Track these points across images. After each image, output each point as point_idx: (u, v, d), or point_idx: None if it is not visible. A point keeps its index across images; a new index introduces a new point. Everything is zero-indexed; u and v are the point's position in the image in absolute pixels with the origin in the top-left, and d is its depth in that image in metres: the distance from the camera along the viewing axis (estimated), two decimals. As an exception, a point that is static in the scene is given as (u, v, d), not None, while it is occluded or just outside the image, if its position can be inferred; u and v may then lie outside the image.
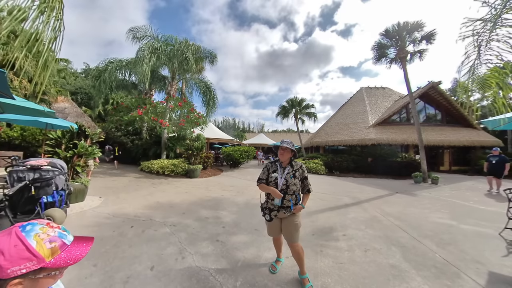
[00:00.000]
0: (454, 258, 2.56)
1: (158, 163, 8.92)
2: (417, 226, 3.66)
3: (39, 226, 0.60)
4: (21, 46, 1.53)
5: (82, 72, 28.84)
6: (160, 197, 5.10)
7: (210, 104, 11.34)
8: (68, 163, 4.27)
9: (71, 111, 13.38)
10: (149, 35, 9.84)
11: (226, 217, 3.80)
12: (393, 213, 4.43)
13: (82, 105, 20.08)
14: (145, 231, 3.05)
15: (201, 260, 2.33)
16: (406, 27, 9.74)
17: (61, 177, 3.19)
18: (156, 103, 10.18)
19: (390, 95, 18.07)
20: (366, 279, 2.10)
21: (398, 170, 10.64)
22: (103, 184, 6.37)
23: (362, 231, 3.34)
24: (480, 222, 3.91)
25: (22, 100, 3.71)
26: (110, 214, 3.74)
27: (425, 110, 15.26)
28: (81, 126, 5.00)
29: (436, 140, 12.89)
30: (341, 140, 14.36)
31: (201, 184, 7.16)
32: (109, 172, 8.99)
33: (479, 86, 3.47)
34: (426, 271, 2.26)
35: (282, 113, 20.30)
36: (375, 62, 11.23)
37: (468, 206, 5.12)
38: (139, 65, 8.28)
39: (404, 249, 2.76)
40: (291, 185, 1.95)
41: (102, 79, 9.55)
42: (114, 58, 10.22)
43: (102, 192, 5.30)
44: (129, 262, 2.23)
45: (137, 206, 4.29)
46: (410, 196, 6.35)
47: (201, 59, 11.15)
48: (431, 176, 8.88)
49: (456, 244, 2.95)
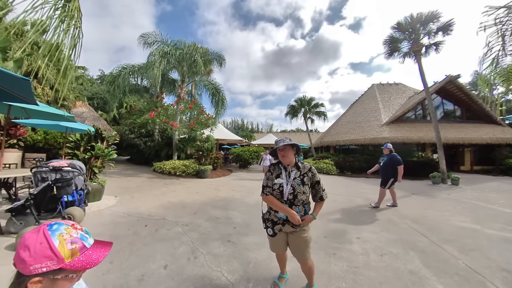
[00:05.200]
0: (479, 265, 2.38)
1: (169, 164, 9.17)
2: (437, 229, 3.46)
3: (64, 226, 0.62)
4: (43, 55, 1.62)
5: (98, 78, 30.33)
6: (172, 197, 5.22)
7: (219, 105, 11.49)
8: (86, 164, 4.49)
9: (88, 115, 14.10)
10: (159, 40, 10.18)
11: (237, 218, 3.81)
12: (410, 215, 4.23)
13: (98, 109, 21.13)
14: (158, 230, 3.13)
15: (213, 260, 2.34)
16: (420, 18, 9.19)
17: (80, 177, 3.37)
18: (167, 105, 10.49)
19: (404, 91, 17.29)
20: (383, 284, 2.01)
21: (414, 170, 10.13)
22: (118, 184, 6.64)
23: (377, 234, 3.21)
24: (507, 226, 3.62)
25: (45, 106, 3.96)
26: (125, 213, 3.88)
27: (442, 106, 14.43)
28: (97, 129, 5.25)
29: (456, 138, 12.11)
30: (353, 140, 13.94)
31: (211, 185, 7.25)
32: (123, 172, 9.36)
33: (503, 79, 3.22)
34: (448, 279, 2.12)
35: (291, 112, 20.08)
36: (387, 57, 10.75)
37: (493, 209, 4.76)
38: (150, 70, 8.57)
39: (423, 254, 2.61)
40: (299, 194, 1.59)
41: (116, 84, 10.01)
42: (127, 64, 10.67)
43: (118, 191, 5.51)
44: (143, 260, 2.29)
45: (150, 205, 4.42)
46: (428, 197, 6.03)
47: (210, 61, 11.34)
48: (450, 176, 8.36)
49: (480, 250, 2.74)
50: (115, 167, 9.03)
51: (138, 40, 10.28)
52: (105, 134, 5.27)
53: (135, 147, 13.62)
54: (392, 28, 9.99)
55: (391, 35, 10.19)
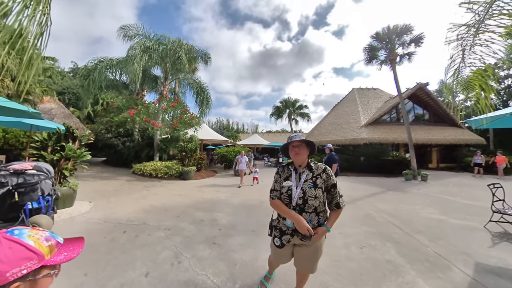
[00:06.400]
0: (445, 251, 2.66)
1: (151, 165, 8.73)
2: (410, 222, 3.77)
3: (27, 229, 0.60)
4: (3, 42, 1.43)
5: (70, 71, 27.79)
6: (154, 200, 4.97)
7: (204, 104, 11.22)
8: (55, 166, 4.08)
9: (58, 112, 12.83)
10: (141, 34, 9.64)
11: (222, 219, 3.75)
12: (386, 210, 4.54)
13: (70, 106, 19.34)
14: (138, 236, 2.95)
15: (198, 264, 2.27)
16: (396, 30, 10.08)
17: (47, 181, 3.03)
18: (148, 103, 9.96)
19: (380, 95, 18.55)
20: (364, 275, 2.13)
21: (389, 168, 10.92)
22: (93, 188, 6.13)
23: (357, 228, 3.39)
24: (467, 216, 4.09)
25: (4, 100, 3.51)
26: (101, 219, 3.60)
27: (413, 110, 15.79)
28: (68, 127, 4.80)
29: (425, 139, 13.35)
30: (334, 140, 14.57)
31: (196, 186, 7.05)
32: (99, 175, 8.68)
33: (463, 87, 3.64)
34: (420, 265, 2.32)
35: (276, 113, 20.44)
36: (367, 64, 11.56)
37: (456, 202, 5.32)
38: (130, 64, 8.07)
39: (398, 245, 2.82)
40: (310, 198, 1.35)
41: (91, 79, 9.22)
42: (104, 57, 9.89)
43: (92, 196, 5.09)
44: (122, 269, 2.15)
45: (129, 210, 4.15)
46: (402, 193, 6.53)
47: (195, 59, 11.03)
48: (420, 173, 9.18)
49: (446, 238, 3.06)
50: (89, 170, 8.32)
51: (118, 32, 9.61)
52: (77, 133, 4.83)
53: (112, 148, 12.71)
54: (371, 37, 10.83)
55: (370, 44, 10.99)
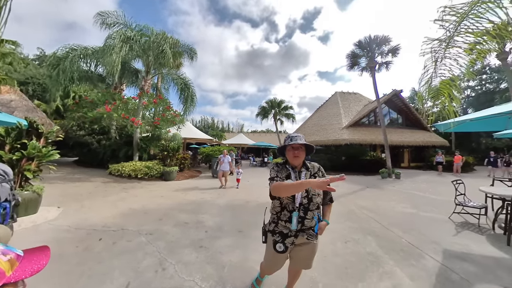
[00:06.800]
0: (417, 241, 2.92)
1: (129, 165, 8.16)
2: (386, 216, 4.05)
3: None
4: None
5: (36, 59, 24.83)
6: (133, 203, 4.64)
7: (188, 102, 10.81)
8: (14, 167, 3.59)
9: (19, 105, 11.35)
10: (121, 23, 8.95)
11: (208, 221, 3.63)
12: (366, 206, 4.81)
13: (35, 98, 17.28)
14: (116, 243, 2.70)
15: (184, 269, 2.16)
16: (376, 40, 10.92)
17: (3, 185, 2.63)
18: (128, 99, 9.30)
19: (360, 100, 19.71)
20: (349, 269, 2.22)
21: (367, 167, 11.65)
22: (62, 191, 5.52)
23: (342, 224, 3.54)
24: (434, 209, 4.54)
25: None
26: (72, 226, 3.23)
27: (389, 114, 17.11)
28: (32, 122, 4.26)
29: (398, 140, 14.54)
30: (318, 141, 15.13)
31: (179, 187, 6.76)
32: (70, 177, 7.87)
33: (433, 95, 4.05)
34: (396, 255, 2.51)
35: (261, 113, 20.54)
36: (349, 69, 12.31)
37: (425, 197, 5.86)
38: (107, 55, 7.43)
39: (378, 238, 3.01)
40: (314, 196, 1.38)
41: (61, 68, 8.29)
42: (78, 45, 8.95)
43: (61, 201, 4.58)
44: (98, 281, 1.95)
45: (106, 214, 3.81)
46: (379, 189, 6.99)
47: (180, 54, 10.58)
48: (394, 172, 9.95)
49: (417, 229, 3.36)
50: (57, 171, 7.48)
51: (95, 19, 8.76)
52: (42, 129, 4.31)
53: (85, 146, 11.59)
54: (354, 45, 11.65)
55: (353, 51, 11.79)
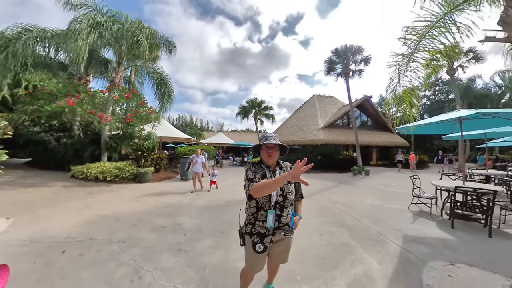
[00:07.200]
0: (382, 229, 3.26)
1: (96, 167, 7.35)
2: (357, 209, 4.42)
3: None
4: None
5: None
6: (102, 209, 4.18)
7: (165, 98, 10.20)
8: None
9: None
10: (90, 5, 7.98)
11: (187, 223, 3.48)
12: (340, 200, 5.16)
13: (-30, 88, 14.45)
14: (84, 255, 2.41)
15: (163, 275, 2.04)
16: (351, 49, 12.05)
17: None
18: (95, 91, 8.37)
19: (335, 103, 21.09)
20: (326, 259, 2.37)
21: (341, 165, 12.52)
22: (11, 199, 4.71)
23: (316, 219, 3.74)
24: (396, 201, 5.11)
25: None
26: (27, 239, 2.77)
27: (360, 117, 18.72)
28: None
29: (368, 141, 15.96)
30: (296, 140, 15.72)
31: (154, 190, 6.32)
32: (21, 182, 6.70)
33: (397, 102, 4.69)
34: (366, 243, 2.75)
35: (242, 113, 20.51)
36: (326, 74, 13.31)
37: (390, 191, 6.53)
38: (72, 40, 6.58)
39: (350, 229, 3.26)
40: (288, 194, 1.44)
41: (10, 51, 7.06)
42: (34, 25, 7.75)
43: (11, 210, 3.90)
44: None
45: (69, 223, 3.36)
46: (351, 185, 7.56)
47: (157, 46, 9.91)
48: (364, 169, 10.91)
49: (383, 220, 3.73)
50: (4, 175, 6.32)
51: None
52: (-17, 121, 3.65)
53: (41, 145, 9.96)
54: (331, 52, 12.69)
55: (330, 57, 12.85)
